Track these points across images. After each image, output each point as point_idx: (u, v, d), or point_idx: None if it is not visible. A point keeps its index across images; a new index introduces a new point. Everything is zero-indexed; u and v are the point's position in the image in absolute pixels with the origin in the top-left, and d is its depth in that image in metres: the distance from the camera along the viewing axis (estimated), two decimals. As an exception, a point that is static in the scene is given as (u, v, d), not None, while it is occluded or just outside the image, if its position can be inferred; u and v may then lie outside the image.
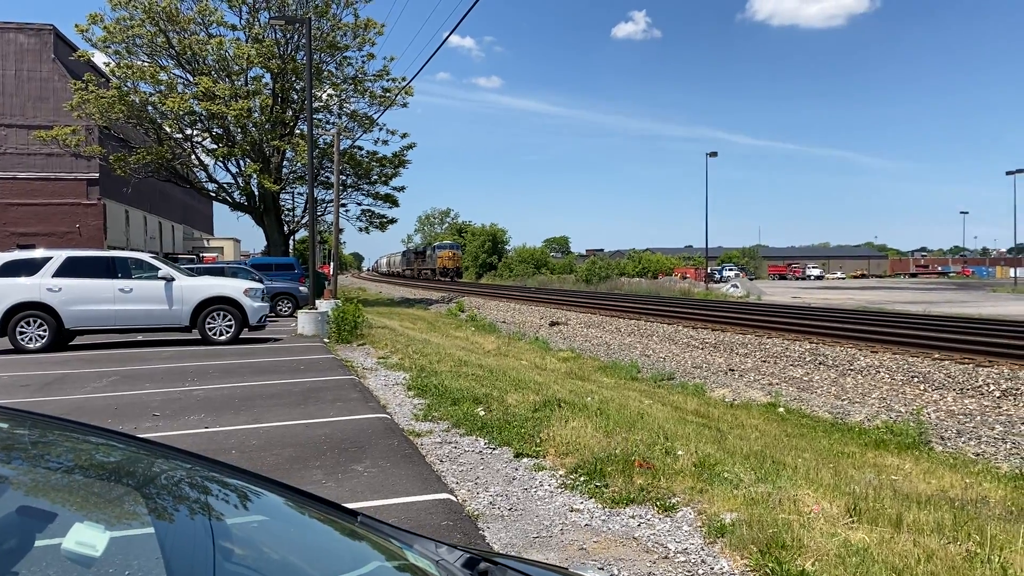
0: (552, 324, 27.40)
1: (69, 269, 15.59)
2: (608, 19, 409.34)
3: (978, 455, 9.19)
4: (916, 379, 14.00)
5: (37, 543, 1.24)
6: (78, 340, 17.06)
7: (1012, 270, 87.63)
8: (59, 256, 15.77)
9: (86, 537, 1.23)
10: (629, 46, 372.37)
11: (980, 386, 13.01)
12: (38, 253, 16.17)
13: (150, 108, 34.04)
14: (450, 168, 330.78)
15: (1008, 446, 9.55)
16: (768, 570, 3.89)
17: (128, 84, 33.14)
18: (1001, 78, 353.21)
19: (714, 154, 59.58)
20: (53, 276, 15.40)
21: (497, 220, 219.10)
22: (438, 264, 78.35)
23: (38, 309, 15.32)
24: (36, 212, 40.68)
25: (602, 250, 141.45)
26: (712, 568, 4.13)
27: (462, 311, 34.05)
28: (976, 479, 7.32)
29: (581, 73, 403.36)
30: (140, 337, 18.03)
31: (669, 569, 4.14)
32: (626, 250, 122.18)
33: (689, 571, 4.11)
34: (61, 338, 15.73)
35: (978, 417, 11.17)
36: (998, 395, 12.41)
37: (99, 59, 35.39)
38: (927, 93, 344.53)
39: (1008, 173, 70.82)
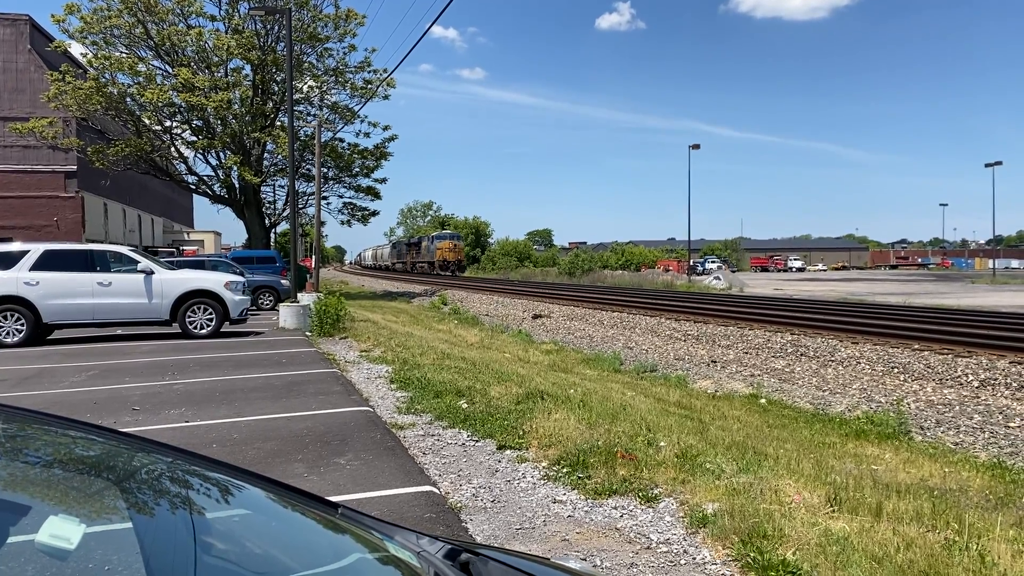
0: (535, 317, 27.42)
1: (47, 263, 15.42)
2: (592, 9, 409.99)
3: (957, 444, 9.29)
4: (896, 370, 14.12)
5: (11, 539, 1.23)
6: (57, 334, 16.89)
7: (991, 261, 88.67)
8: (36, 249, 15.59)
9: (60, 530, 1.21)
10: (613, 38, 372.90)
11: (959, 376, 13.14)
12: (15, 246, 15.98)
13: (128, 100, 33.70)
14: (433, 161, 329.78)
15: (986, 435, 9.66)
16: (749, 560, 3.92)
17: (106, 75, 32.80)
18: (982, 71, 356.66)
19: (697, 146, 59.85)
20: (30, 270, 15.23)
21: (480, 213, 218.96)
22: (437, 256, 71.69)
23: (15, 303, 15.15)
24: (13, 205, 40.18)
25: (585, 243, 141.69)
26: (694, 558, 4.15)
27: (445, 304, 34.01)
28: (955, 468, 7.40)
29: (565, 65, 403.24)
30: (120, 331, 17.88)
31: (651, 560, 4.16)
32: (609, 243, 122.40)
33: (671, 561, 4.13)
34: (39, 332, 15.57)
35: (957, 407, 11.28)
36: (976, 385, 12.54)
37: (76, 50, 35.03)
38: (909, 86, 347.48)
39: (987, 165, 71.61)
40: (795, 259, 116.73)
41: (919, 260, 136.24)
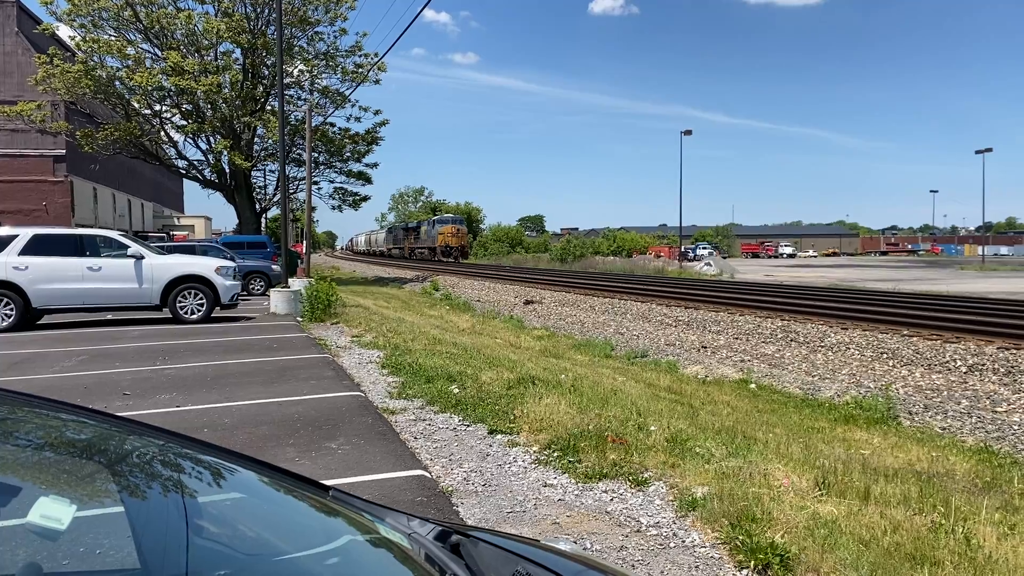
0: (527, 303, 27.43)
1: (36, 247, 15.32)
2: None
3: (944, 429, 9.36)
4: (885, 355, 14.20)
5: (0, 522, 1.23)
6: (46, 319, 16.81)
7: (980, 248, 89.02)
8: (25, 234, 15.49)
9: (51, 511, 1.21)
10: (606, 23, 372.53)
11: (947, 362, 13.22)
12: (3, 231, 15.88)
13: (117, 83, 33.40)
14: (424, 146, 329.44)
15: (973, 420, 9.73)
16: (738, 543, 3.95)
17: (94, 58, 32.49)
18: (974, 59, 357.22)
19: (689, 132, 59.73)
20: (19, 254, 15.14)
21: (472, 199, 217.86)
22: (439, 242, 66.86)
23: (4, 288, 15.05)
24: (0, 190, 39.89)
25: (577, 229, 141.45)
26: (683, 541, 4.19)
27: (437, 290, 33.98)
28: (942, 452, 7.46)
29: (558, 50, 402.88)
30: (110, 316, 17.81)
31: (641, 543, 4.19)
32: (601, 229, 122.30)
33: (661, 544, 4.16)
34: (28, 317, 15.49)
35: (945, 392, 11.36)
36: (964, 370, 12.63)
37: (64, 32, 34.70)
38: (901, 73, 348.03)
39: (977, 152, 71.76)
40: (786, 245, 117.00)
41: (909, 247, 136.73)
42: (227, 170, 36.67)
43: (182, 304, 16.27)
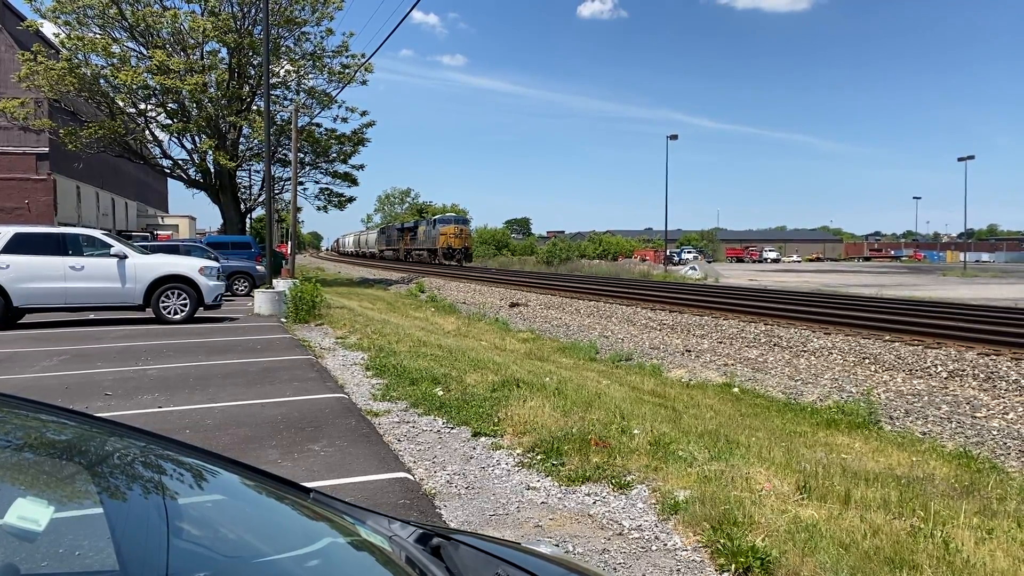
0: (512, 305, 27.42)
1: (17, 246, 15.19)
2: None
3: (925, 434, 9.43)
4: (867, 360, 14.30)
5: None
6: (28, 319, 16.67)
7: (962, 254, 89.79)
8: (6, 232, 15.35)
9: (28, 512, 1.21)
10: (595, 26, 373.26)
11: (928, 367, 13.33)
12: (-15, 229, 15.73)
13: (102, 81, 33.16)
14: (411, 147, 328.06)
15: (953, 425, 9.82)
16: (720, 546, 3.97)
17: (79, 56, 32.24)
18: (958, 66, 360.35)
19: (675, 137, 60.02)
20: (0, 253, 15.00)
21: (458, 200, 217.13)
22: (440, 243, 60.95)
23: (-15, 286, 14.91)
24: (-17, 187, 39.51)
25: (563, 232, 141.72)
26: (665, 544, 4.20)
27: (422, 292, 33.93)
28: (922, 457, 7.52)
29: (546, 52, 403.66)
30: (92, 316, 17.68)
31: (623, 546, 4.20)
32: (587, 232, 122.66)
33: (643, 547, 4.18)
34: (10, 316, 15.35)
35: (926, 397, 11.45)
36: (945, 376, 12.73)
37: (49, 29, 34.44)
38: (885, 79, 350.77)
39: (960, 159, 72.45)
40: (770, 250, 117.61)
41: (892, 252, 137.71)
42: (212, 170, 36.50)
43: (165, 304, 16.17)
